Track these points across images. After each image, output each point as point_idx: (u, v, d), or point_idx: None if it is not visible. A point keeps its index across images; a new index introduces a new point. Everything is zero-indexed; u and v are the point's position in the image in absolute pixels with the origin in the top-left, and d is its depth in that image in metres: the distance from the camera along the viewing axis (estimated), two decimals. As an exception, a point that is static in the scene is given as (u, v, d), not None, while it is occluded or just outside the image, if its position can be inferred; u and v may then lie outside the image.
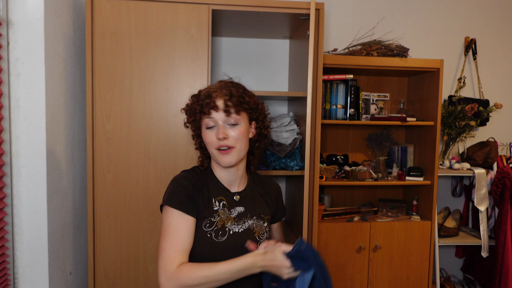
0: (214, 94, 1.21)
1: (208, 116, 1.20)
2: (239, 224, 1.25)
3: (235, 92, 1.22)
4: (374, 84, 2.63)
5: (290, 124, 2.08)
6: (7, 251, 1.49)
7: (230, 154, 1.21)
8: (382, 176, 2.45)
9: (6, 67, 1.44)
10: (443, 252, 2.81)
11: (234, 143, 1.21)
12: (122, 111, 1.76)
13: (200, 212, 1.21)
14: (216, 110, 1.20)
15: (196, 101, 1.25)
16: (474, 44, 2.71)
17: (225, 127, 1.21)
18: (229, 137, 1.20)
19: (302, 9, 1.83)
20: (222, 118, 1.20)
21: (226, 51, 2.49)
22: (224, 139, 1.19)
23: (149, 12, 1.75)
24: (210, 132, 1.22)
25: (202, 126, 1.25)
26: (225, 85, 1.25)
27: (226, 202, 1.26)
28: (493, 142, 2.55)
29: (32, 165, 1.51)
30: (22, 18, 1.46)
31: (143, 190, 1.79)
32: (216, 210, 1.23)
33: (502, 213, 2.39)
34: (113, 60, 1.74)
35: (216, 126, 1.21)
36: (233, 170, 1.28)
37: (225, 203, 1.26)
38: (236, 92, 1.23)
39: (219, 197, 1.26)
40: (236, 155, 1.22)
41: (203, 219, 1.21)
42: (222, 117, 1.20)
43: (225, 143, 1.20)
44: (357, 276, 2.31)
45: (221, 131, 1.19)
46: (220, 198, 1.26)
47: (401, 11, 2.68)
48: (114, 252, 1.79)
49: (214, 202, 1.24)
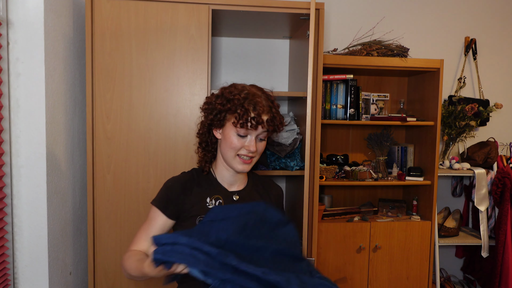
0: (260, 109, 1.20)
1: (251, 129, 1.20)
2: None
3: (276, 114, 1.25)
4: (374, 84, 2.63)
5: (290, 124, 2.08)
6: (7, 251, 1.49)
7: (250, 164, 1.26)
8: (382, 176, 2.45)
9: (6, 67, 1.44)
10: (443, 252, 2.81)
11: (257, 156, 1.27)
12: (122, 111, 1.76)
13: (188, 211, 1.24)
14: (262, 127, 1.21)
15: (239, 104, 1.20)
16: (474, 44, 2.70)
17: (256, 141, 1.24)
18: (257, 151, 1.25)
19: (302, 9, 1.83)
20: (259, 133, 1.23)
21: (226, 51, 2.49)
22: (254, 152, 1.23)
23: (149, 12, 1.75)
24: (240, 140, 1.22)
25: (230, 127, 1.22)
26: (265, 97, 1.25)
27: (222, 201, 1.28)
28: (493, 142, 2.55)
29: (32, 165, 1.51)
30: (22, 18, 1.46)
31: (143, 190, 1.79)
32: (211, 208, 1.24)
33: (502, 213, 2.39)
34: (113, 60, 1.74)
35: (248, 137, 1.23)
36: (240, 173, 1.32)
37: (222, 201, 1.28)
38: (277, 113, 1.26)
39: (215, 196, 1.29)
40: (253, 165, 1.27)
41: (195, 217, 1.24)
42: (260, 132, 1.23)
43: (252, 155, 1.24)
44: (357, 276, 2.31)
45: (254, 144, 1.23)
46: (217, 197, 1.28)
47: (401, 11, 2.68)
48: (114, 252, 1.79)
49: (210, 201, 1.27)
